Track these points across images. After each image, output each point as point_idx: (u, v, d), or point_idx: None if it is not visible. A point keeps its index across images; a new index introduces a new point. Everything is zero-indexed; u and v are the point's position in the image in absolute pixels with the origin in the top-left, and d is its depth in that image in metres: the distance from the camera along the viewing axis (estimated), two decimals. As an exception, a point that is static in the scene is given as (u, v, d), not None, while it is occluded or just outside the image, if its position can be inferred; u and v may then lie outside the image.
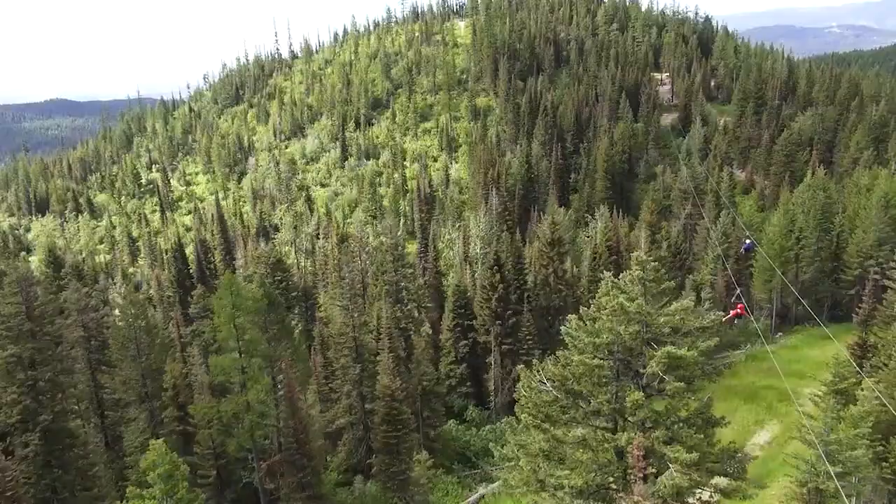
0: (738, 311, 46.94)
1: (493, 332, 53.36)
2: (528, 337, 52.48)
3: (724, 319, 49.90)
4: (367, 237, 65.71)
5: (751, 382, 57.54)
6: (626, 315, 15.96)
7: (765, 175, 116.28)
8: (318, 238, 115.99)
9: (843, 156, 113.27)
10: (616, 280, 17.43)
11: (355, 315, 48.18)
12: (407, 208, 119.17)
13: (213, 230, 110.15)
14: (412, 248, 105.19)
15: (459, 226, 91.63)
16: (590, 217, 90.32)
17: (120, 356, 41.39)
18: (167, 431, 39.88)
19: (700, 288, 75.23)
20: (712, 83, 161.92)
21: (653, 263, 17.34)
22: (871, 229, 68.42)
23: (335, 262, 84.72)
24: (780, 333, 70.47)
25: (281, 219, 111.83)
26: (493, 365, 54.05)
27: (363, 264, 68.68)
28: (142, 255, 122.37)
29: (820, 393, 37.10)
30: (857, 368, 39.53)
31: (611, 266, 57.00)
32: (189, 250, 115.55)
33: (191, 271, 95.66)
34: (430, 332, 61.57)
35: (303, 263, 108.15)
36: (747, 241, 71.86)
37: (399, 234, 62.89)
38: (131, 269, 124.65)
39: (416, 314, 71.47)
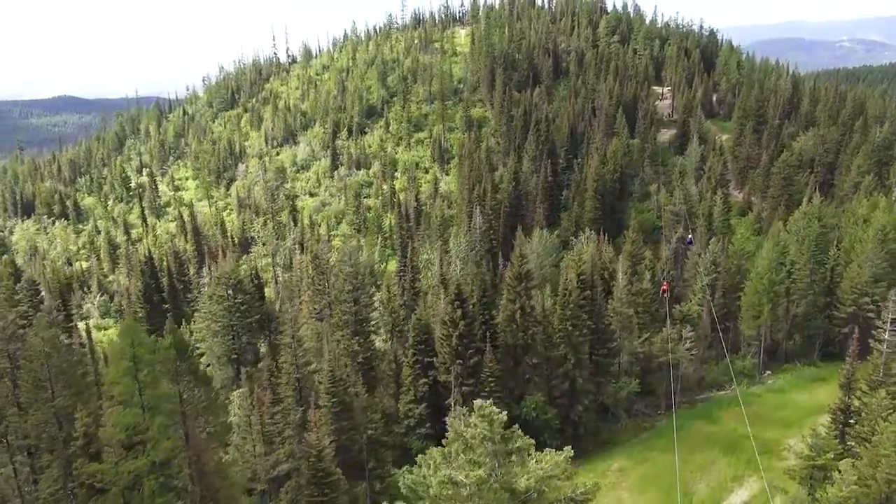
0: (664, 287, 65.53)
1: (454, 371, 49.49)
2: (489, 378, 48.59)
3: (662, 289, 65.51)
4: (343, 255, 61.83)
5: (732, 430, 53.43)
6: (457, 489, 12.16)
7: (762, 196, 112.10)
8: (301, 251, 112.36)
9: (843, 179, 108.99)
10: (462, 430, 13.58)
11: (299, 354, 44.50)
12: (394, 222, 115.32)
13: (188, 241, 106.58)
14: (395, 265, 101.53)
15: (438, 246, 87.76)
16: (574, 240, 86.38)
17: (30, 398, 37.68)
18: (78, 484, 36.22)
19: (685, 319, 71.34)
20: (714, 98, 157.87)
21: (501, 417, 13.51)
22: (867, 265, 64.36)
23: (308, 280, 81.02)
24: (768, 372, 66.29)
25: (258, 232, 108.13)
26: (454, 407, 50.07)
27: (329, 288, 65.11)
28: (120, 264, 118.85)
29: (796, 468, 33.14)
30: (839, 436, 35.57)
31: (585, 303, 53.06)
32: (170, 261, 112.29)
33: (162, 285, 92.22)
34: (395, 365, 57.77)
35: (281, 278, 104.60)
36: (689, 237, 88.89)
37: (358, 261, 58.93)
38: (110, 278, 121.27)
39: (390, 340, 67.82)
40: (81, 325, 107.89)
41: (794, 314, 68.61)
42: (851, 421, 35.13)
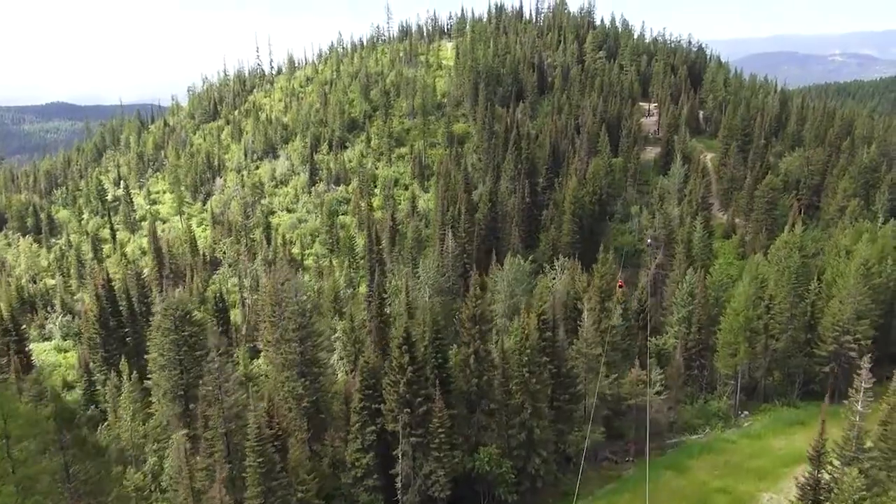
0: (620, 285, 71.57)
1: (402, 420, 45.71)
2: (439, 429, 44.82)
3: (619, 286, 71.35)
4: (287, 292, 57.62)
5: (702, 483, 49.82)
6: None
7: (746, 218, 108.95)
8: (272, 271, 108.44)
9: (829, 202, 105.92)
10: None
11: (226, 407, 40.77)
12: (365, 243, 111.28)
13: (151, 261, 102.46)
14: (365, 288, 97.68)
15: (406, 271, 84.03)
16: (548, 267, 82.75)
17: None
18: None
19: (658, 355, 67.85)
20: (701, 115, 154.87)
21: None
22: (849, 301, 60.92)
23: (271, 308, 77.08)
24: (745, 413, 62.77)
25: (224, 253, 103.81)
26: (402, 458, 46.38)
27: (282, 323, 61.23)
28: (86, 283, 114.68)
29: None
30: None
31: (546, 344, 49.40)
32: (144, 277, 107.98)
33: (120, 308, 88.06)
34: (345, 407, 53.91)
35: (248, 301, 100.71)
36: (649, 240, 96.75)
37: (304, 298, 55.02)
38: (77, 296, 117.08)
39: (353, 373, 63.91)
40: (43, 346, 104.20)
41: (774, 349, 65.16)
42: (821, 498, 31.48)
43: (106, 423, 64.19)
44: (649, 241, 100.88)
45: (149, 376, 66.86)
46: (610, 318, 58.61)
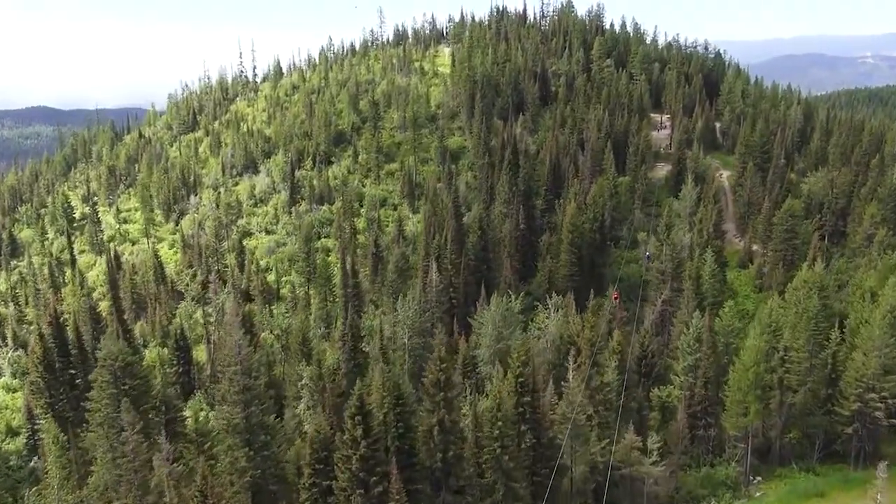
0: (615, 297, 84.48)
1: (355, 502, 42.25)
2: (397, 515, 41.32)
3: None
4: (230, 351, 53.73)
5: (702, 574, 46.22)
6: None
7: (764, 245, 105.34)
8: (244, 302, 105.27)
9: (856, 229, 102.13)
10: None
11: (141, 495, 37.36)
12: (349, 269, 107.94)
13: (104, 293, 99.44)
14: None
15: (383, 308, 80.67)
16: (540, 306, 79.22)
17: None
18: None
19: (662, 408, 64.31)
20: (717, 128, 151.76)
21: None
22: (874, 353, 57.12)
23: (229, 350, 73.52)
24: (758, 479, 58.88)
25: (187, 285, 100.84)
26: (355, 546, 42.85)
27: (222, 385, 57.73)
28: (42, 313, 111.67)
29: None
30: None
31: (524, 409, 45.89)
32: (102, 307, 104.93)
33: (69, 348, 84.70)
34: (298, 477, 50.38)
35: (214, 337, 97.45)
36: (647, 254, 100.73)
37: (248, 355, 51.25)
38: (32, 327, 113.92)
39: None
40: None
41: (791, 404, 61.41)
42: None
43: (36, 488, 60.88)
44: (647, 254, 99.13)
45: (91, 430, 63.50)
46: (602, 375, 55.06)
